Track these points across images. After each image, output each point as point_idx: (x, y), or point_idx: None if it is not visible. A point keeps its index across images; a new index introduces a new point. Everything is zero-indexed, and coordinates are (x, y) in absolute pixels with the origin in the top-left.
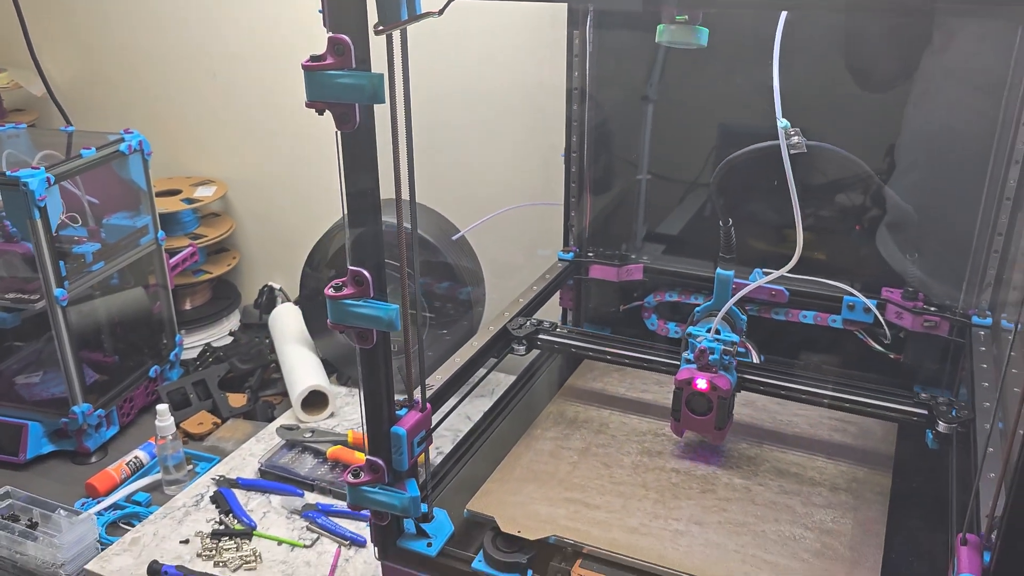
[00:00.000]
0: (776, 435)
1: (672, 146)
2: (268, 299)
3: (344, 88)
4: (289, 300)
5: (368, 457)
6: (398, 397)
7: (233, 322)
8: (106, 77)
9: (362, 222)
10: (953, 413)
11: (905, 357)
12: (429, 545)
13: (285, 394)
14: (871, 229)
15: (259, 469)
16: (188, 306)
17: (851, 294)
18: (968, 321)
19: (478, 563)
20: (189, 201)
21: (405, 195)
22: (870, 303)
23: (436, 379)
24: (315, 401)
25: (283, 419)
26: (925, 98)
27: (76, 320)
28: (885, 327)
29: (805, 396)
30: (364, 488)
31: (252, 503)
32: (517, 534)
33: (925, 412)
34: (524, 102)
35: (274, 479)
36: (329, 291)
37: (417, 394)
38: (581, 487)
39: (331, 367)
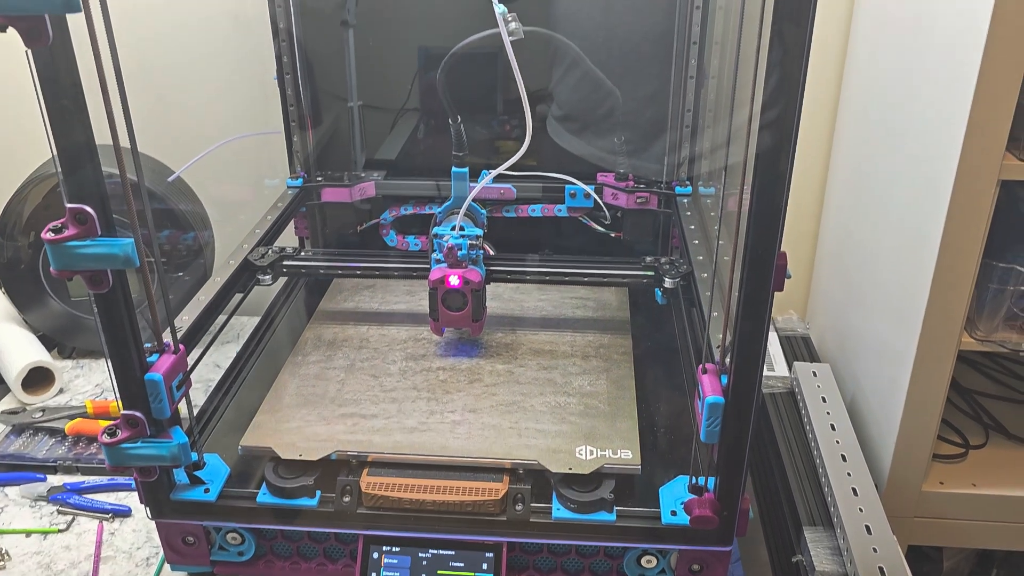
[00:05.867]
0: (526, 321)
1: (378, 71)
2: None
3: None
4: None
5: (123, 412)
6: (145, 344)
7: None
8: None
9: (76, 158)
10: (675, 270)
11: (625, 234)
12: (207, 491)
13: None
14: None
15: None
16: None
17: (571, 183)
18: (673, 192)
19: (263, 496)
20: None
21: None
22: (589, 188)
23: (183, 320)
24: (38, 380)
25: (2, 405)
26: None
27: None
28: (604, 209)
29: (550, 277)
30: (124, 446)
31: None
32: (299, 458)
33: (652, 273)
34: (230, 31)
35: (5, 470)
36: (47, 235)
37: (167, 337)
38: (354, 401)
39: (49, 341)
